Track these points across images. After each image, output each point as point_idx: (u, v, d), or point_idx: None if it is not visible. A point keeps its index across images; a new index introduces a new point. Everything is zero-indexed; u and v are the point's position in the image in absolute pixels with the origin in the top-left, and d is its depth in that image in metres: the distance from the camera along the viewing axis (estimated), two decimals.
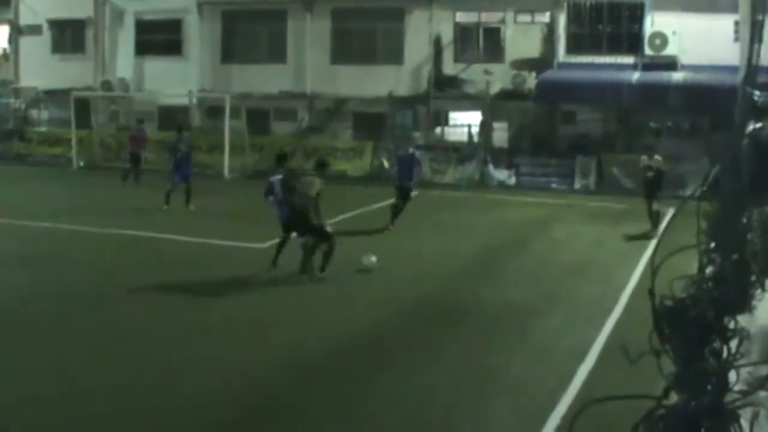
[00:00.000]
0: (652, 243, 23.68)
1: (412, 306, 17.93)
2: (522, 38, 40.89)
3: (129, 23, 48.39)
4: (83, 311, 17.11)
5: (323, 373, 13.68)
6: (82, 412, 11.83)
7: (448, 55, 42.03)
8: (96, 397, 12.36)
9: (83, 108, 46.43)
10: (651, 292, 4.14)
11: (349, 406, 12.31)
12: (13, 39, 52.22)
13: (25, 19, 51.29)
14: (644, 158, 27.03)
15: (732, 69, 31.27)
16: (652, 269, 4.26)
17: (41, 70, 50.09)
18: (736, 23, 33.36)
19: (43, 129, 48.66)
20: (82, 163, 43.50)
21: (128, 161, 37.62)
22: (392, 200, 27.69)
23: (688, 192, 31.73)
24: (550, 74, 39.06)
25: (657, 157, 26.61)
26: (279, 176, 20.70)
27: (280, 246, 20.57)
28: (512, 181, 36.73)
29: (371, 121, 41.94)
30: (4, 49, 54.01)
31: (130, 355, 14.31)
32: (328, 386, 13.03)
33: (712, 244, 4.61)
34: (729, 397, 4.03)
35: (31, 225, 26.80)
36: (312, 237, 20.02)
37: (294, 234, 20.36)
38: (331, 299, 18.45)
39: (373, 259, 20.64)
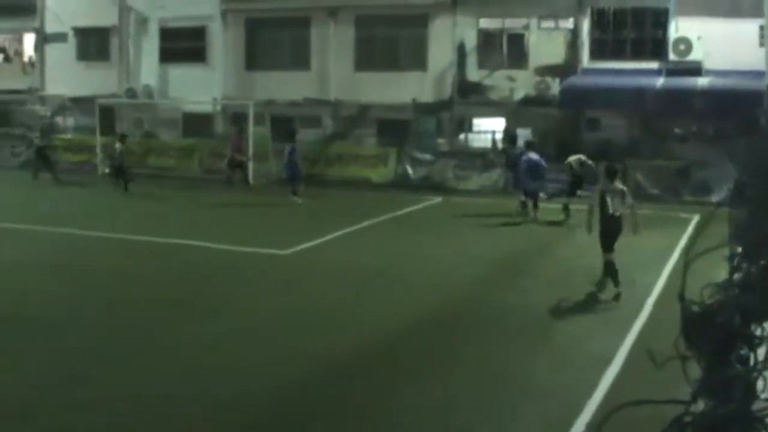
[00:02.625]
0: (678, 248, 23.62)
1: (434, 311, 17.90)
2: (546, 44, 40.81)
3: (153, 31, 48.53)
4: (103, 318, 17.24)
5: (342, 380, 13.69)
6: (96, 419, 11.91)
7: (471, 61, 41.92)
8: (109, 403, 12.44)
9: (108, 115, 46.58)
10: (681, 297, 4.11)
11: (369, 412, 12.29)
12: (39, 47, 52.52)
13: (50, 27, 51.59)
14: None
15: (757, 74, 31.23)
16: (684, 273, 4.23)
17: (67, 77, 50.30)
18: (761, 28, 33.29)
19: (68, 136, 48.77)
20: (107, 170, 43.64)
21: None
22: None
23: (714, 198, 31.69)
24: (574, 80, 38.96)
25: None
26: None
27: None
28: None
29: (395, 128, 41.87)
30: (30, 57, 54.31)
31: (145, 362, 14.43)
32: (347, 393, 13.03)
33: (739, 250, 4.58)
34: (757, 405, 4.00)
35: (54, 231, 26.95)
36: None
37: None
38: (349, 305, 18.48)
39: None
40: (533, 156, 29.73)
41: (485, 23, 42.02)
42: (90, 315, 17.45)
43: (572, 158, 28.74)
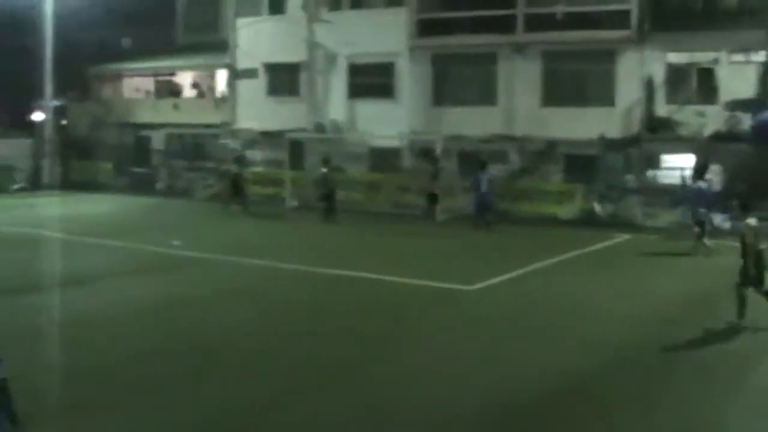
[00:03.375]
0: None
1: (621, 350, 17.76)
2: (736, 78, 39.95)
3: (341, 67, 49.40)
4: (289, 348, 17.74)
5: (527, 419, 13.69)
6: None
7: (660, 96, 41.35)
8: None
9: (297, 149, 47.53)
10: None
11: None
12: (231, 82, 54.03)
13: (242, 63, 53.14)
14: None
15: None
16: None
17: (257, 112, 51.81)
18: None
19: (258, 169, 49.89)
20: (295, 203, 44.43)
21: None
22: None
23: None
24: (766, 115, 38.07)
25: None
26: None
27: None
28: (727, 225, 35.79)
29: (582, 164, 41.59)
30: (222, 92, 55.86)
31: (333, 393, 14.80)
32: None
33: None
34: None
35: (244, 262, 27.69)
36: None
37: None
38: (536, 342, 18.43)
39: None
40: (701, 184, 31.18)
41: (673, 57, 41.44)
42: (276, 345, 17.99)
43: None
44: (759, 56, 39.82)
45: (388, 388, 15.02)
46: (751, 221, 19.58)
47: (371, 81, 48.45)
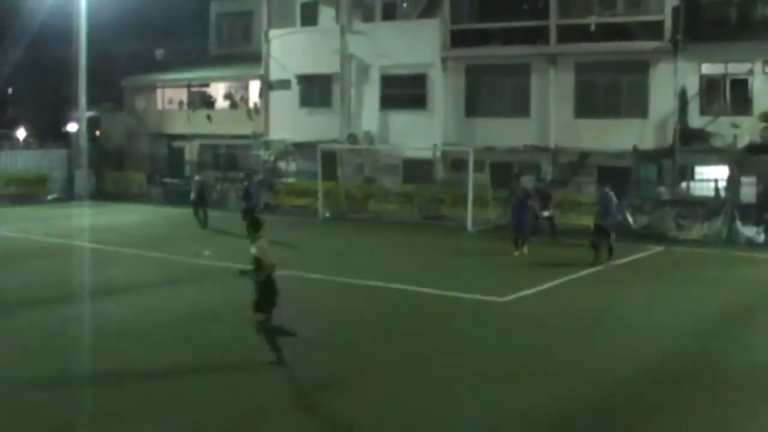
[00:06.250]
0: None
1: (655, 364, 17.66)
2: None
3: (374, 78, 49.46)
4: (326, 358, 17.83)
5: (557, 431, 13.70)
6: None
7: (693, 107, 41.10)
8: None
9: (330, 160, 47.59)
10: None
11: None
12: (264, 93, 54.18)
13: (274, 75, 53.29)
14: None
15: None
16: None
17: (289, 123, 51.97)
18: None
19: (290, 180, 50.00)
20: (327, 214, 44.46)
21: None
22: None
23: None
24: None
25: None
26: None
27: None
28: (761, 238, 35.57)
29: (615, 176, 41.42)
30: (255, 103, 56.01)
31: (363, 398, 15.02)
32: None
33: None
34: None
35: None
36: None
37: None
38: (566, 355, 18.36)
39: None
40: (610, 193, 30.74)
41: (707, 69, 41.19)
42: (304, 354, 17.84)
43: None
44: None
45: (416, 397, 15.07)
46: None
47: (404, 92, 48.44)
